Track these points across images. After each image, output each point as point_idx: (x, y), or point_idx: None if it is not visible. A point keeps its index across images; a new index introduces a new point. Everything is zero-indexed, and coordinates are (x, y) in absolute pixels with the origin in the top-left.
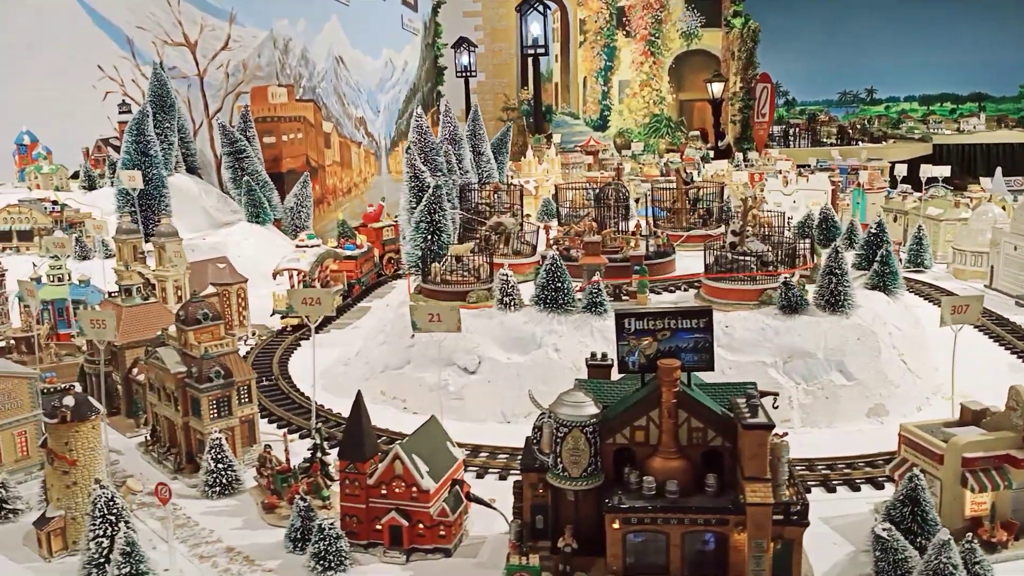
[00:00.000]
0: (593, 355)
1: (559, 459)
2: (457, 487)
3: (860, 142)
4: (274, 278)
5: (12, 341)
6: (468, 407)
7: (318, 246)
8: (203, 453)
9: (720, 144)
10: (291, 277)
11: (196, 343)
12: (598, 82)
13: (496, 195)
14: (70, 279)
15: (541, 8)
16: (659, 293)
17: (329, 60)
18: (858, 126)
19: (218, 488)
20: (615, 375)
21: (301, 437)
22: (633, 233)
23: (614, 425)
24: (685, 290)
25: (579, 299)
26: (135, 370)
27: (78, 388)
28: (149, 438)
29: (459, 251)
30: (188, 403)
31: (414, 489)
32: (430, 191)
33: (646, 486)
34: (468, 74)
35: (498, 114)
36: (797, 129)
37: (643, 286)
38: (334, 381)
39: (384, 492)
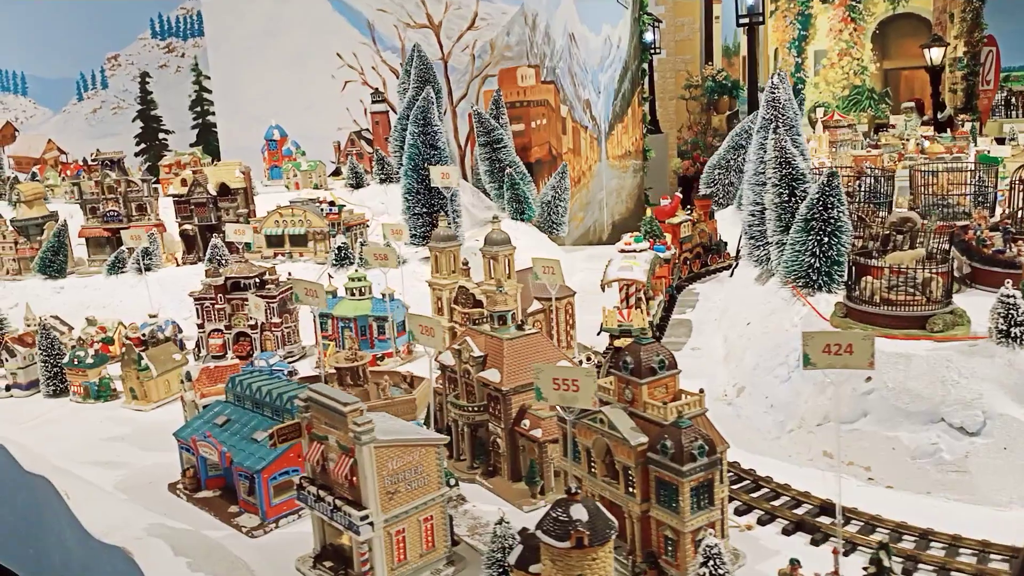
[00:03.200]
0: None
1: None
2: None
3: None
4: (603, 290)
5: (332, 370)
6: (977, 484)
7: (645, 250)
8: (669, 556)
9: (940, 116)
10: (622, 289)
11: (658, 403)
12: (791, 53)
13: (859, 182)
14: (371, 292)
15: None
16: None
17: (564, 37)
18: None
19: None
20: None
21: (760, 522)
22: None
23: None
24: None
25: None
26: (525, 421)
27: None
28: None
29: (903, 259)
30: (651, 487)
31: None
32: (824, 180)
33: None
34: (653, 51)
35: (680, 92)
36: (1020, 97)
37: None
38: (730, 428)
39: None
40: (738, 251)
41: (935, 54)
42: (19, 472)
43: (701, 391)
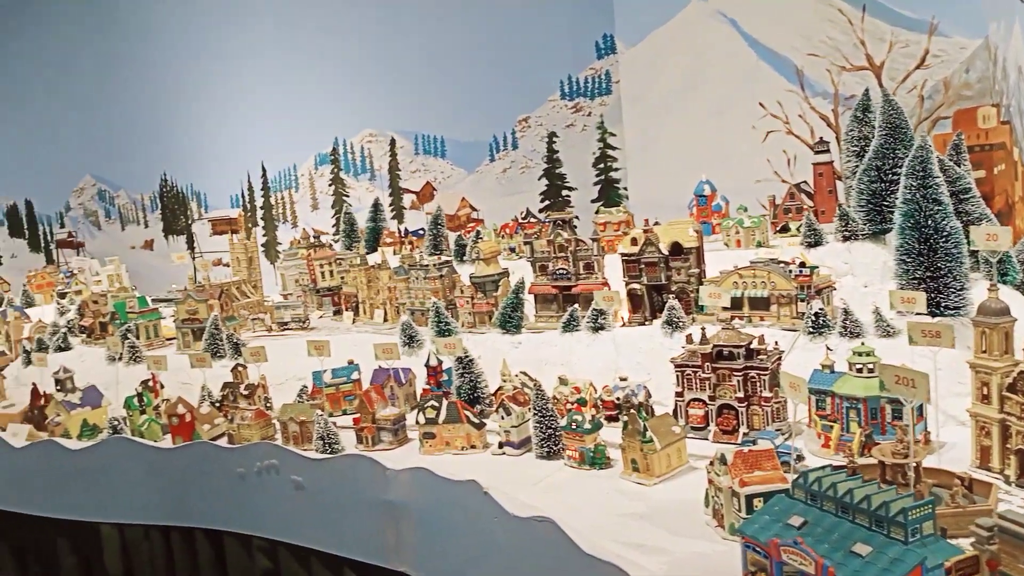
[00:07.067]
0: None
1: None
2: None
3: None
4: None
5: (849, 459)
6: None
7: None
8: None
9: None
10: None
11: None
12: None
13: None
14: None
15: None
16: None
17: (1015, 71)
18: None
19: None
20: None
21: None
22: None
23: None
24: None
25: None
26: None
27: None
28: None
29: None
30: None
31: None
32: None
33: None
34: None
35: None
36: None
37: None
38: None
39: None
40: None
41: None
42: (576, 553)
43: None
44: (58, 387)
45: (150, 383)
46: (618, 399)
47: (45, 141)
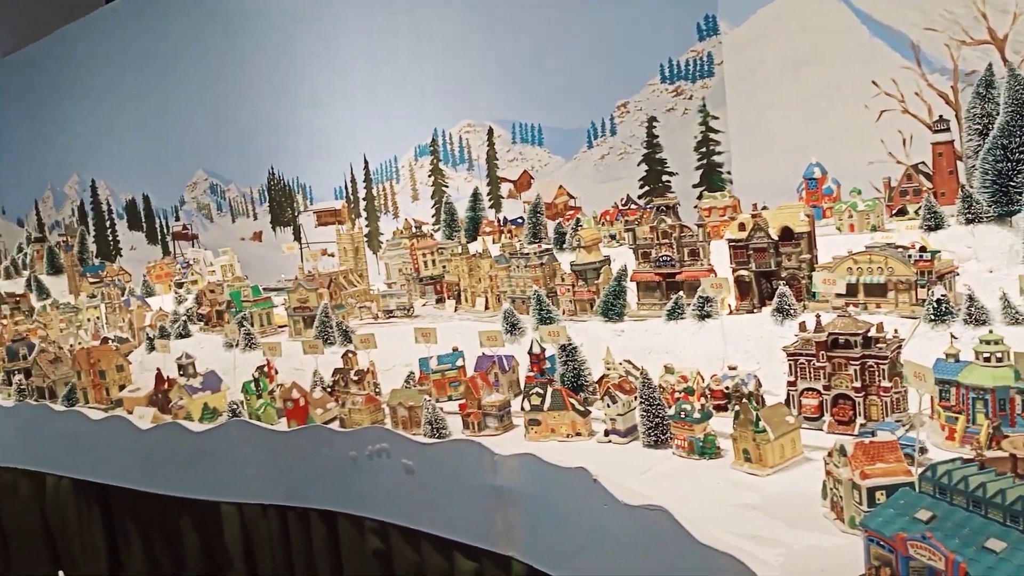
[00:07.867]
0: None
1: None
2: None
3: None
4: None
5: (976, 452)
6: None
7: None
8: None
9: None
10: None
11: None
12: None
13: None
14: (1012, 358)
15: None
16: None
17: None
18: None
19: None
20: None
21: None
22: None
23: None
24: None
25: None
26: None
27: None
28: None
29: None
30: None
31: None
32: None
33: None
34: None
35: None
36: None
37: None
38: None
39: None
40: None
41: None
42: (691, 543)
43: None
44: (181, 372)
45: (265, 368)
46: (727, 388)
47: (160, 138)
